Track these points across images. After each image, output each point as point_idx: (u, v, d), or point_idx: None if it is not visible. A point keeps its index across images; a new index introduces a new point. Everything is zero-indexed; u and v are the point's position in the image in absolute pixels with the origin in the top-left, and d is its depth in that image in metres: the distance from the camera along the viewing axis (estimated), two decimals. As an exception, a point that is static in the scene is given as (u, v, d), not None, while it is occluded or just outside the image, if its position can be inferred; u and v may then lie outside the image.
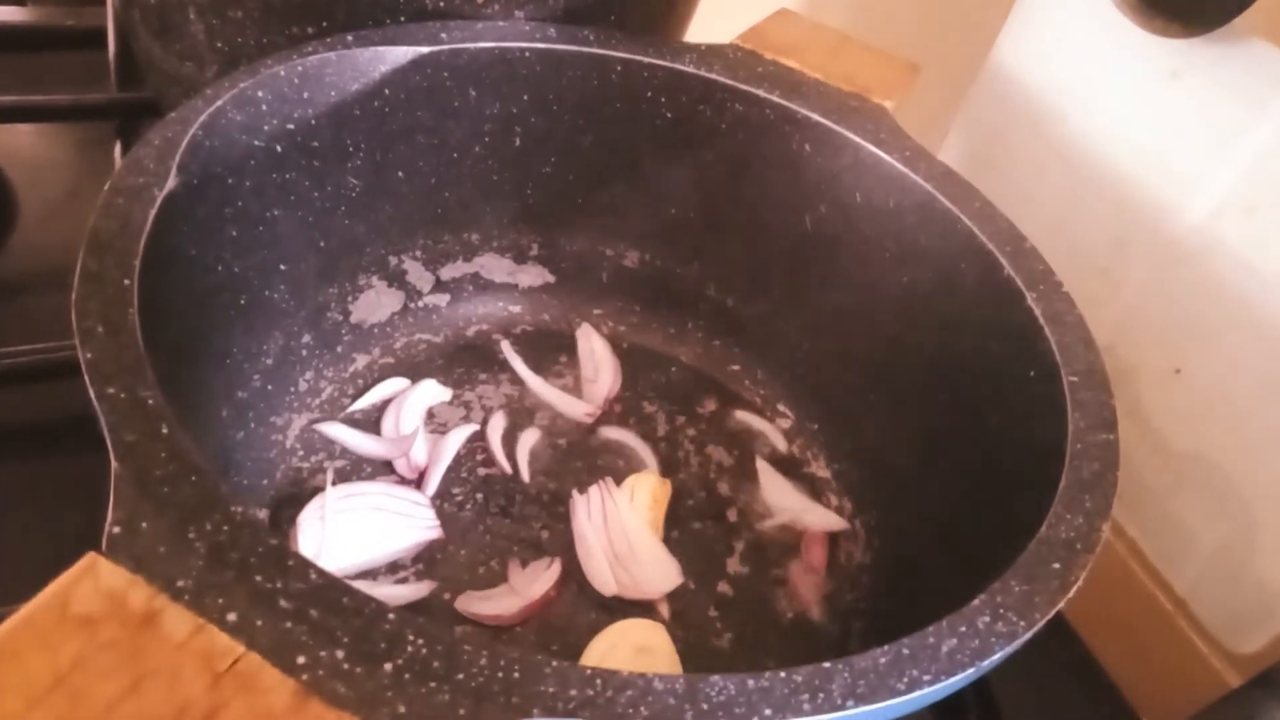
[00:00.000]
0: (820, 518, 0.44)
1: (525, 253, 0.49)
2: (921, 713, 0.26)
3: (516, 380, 0.47)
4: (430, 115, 0.42)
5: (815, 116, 0.43)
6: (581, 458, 0.45)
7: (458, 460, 0.43)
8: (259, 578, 0.22)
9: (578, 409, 0.46)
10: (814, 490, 0.45)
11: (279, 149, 0.37)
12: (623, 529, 0.40)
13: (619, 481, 0.43)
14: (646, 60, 0.44)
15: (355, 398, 0.44)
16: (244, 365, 0.39)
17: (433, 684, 0.21)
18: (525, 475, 0.43)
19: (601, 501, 0.41)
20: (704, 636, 0.39)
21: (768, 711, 0.21)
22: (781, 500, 0.44)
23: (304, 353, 0.43)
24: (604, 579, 0.39)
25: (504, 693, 0.21)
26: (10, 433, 0.42)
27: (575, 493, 0.42)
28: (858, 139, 0.42)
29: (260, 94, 0.36)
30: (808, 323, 0.47)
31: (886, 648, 0.24)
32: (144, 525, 0.22)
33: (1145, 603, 0.45)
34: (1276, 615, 0.40)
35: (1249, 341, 0.40)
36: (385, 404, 0.44)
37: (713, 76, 0.44)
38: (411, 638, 0.21)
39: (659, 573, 0.40)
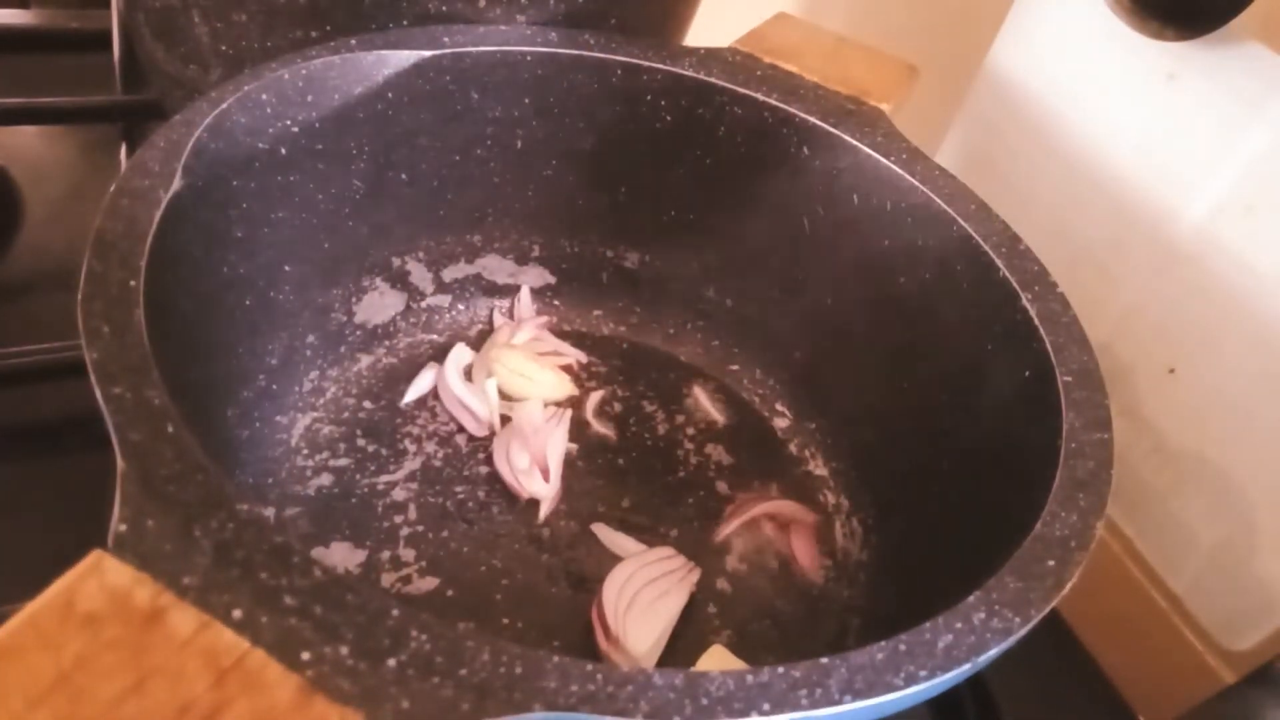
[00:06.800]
0: (793, 506, 0.44)
1: (527, 254, 0.50)
2: (919, 710, 0.26)
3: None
4: (433, 118, 0.43)
5: (813, 120, 0.43)
6: (584, 456, 0.45)
7: (462, 459, 0.43)
8: (264, 575, 0.22)
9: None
10: (812, 488, 0.45)
11: (283, 151, 0.38)
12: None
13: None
14: (646, 64, 0.44)
15: (359, 398, 0.44)
16: (249, 365, 0.39)
17: (436, 679, 0.21)
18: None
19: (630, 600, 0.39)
20: (703, 633, 0.39)
21: (766, 706, 0.22)
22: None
23: (308, 353, 0.43)
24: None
25: (506, 688, 0.21)
26: (15, 432, 0.42)
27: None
28: (855, 142, 0.42)
29: (264, 97, 0.36)
30: (806, 323, 0.47)
31: (883, 644, 0.24)
32: (149, 523, 0.22)
33: (1141, 600, 0.45)
34: (1273, 612, 0.40)
35: (1246, 341, 0.40)
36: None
37: (711, 80, 0.44)
38: (415, 634, 0.21)
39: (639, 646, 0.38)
